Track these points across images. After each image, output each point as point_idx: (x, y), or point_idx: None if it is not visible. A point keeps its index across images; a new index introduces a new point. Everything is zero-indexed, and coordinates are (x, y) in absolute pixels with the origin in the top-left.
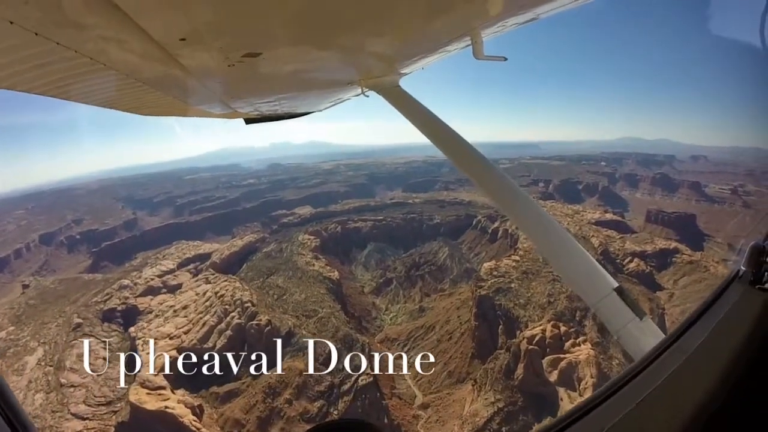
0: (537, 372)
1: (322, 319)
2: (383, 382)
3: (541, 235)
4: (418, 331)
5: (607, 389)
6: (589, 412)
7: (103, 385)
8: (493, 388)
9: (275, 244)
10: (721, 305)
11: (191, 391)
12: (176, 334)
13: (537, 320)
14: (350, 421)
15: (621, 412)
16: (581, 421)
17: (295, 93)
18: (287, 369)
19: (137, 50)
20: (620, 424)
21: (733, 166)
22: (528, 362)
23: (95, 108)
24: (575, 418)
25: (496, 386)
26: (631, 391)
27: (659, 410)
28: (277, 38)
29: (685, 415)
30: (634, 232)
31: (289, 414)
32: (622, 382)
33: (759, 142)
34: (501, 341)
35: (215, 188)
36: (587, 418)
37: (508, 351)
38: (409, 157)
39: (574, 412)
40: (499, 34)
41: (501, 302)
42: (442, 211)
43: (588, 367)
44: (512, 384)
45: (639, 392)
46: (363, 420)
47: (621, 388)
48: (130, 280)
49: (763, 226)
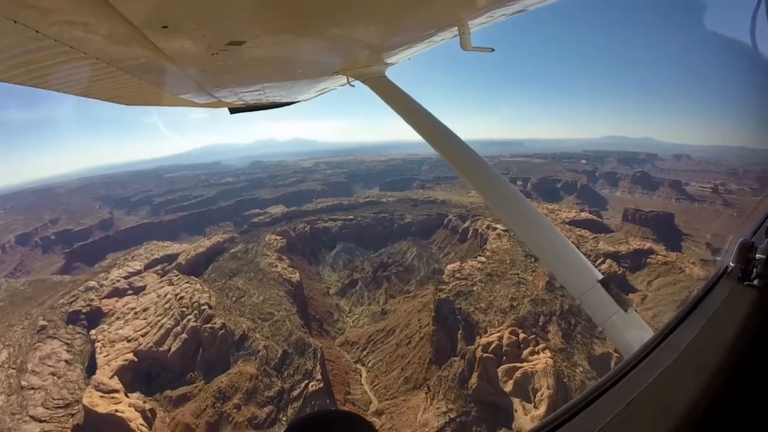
0: (491, 381)
1: (277, 323)
2: (337, 387)
3: (526, 226)
4: (379, 334)
5: (596, 388)
6: (578, 413)
7: (62, 388)
8: (446, 397)
9: (242, 244)
10: (711, 302)
11: (146, 394)
12: (134, 337)
13: (497, 325)
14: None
15: (612, 411)
16: (571, 422)
17: (280, 82)
18: (238, 373)
19: (118, 38)
20: (611, 424)
21: (715, 164)
22: (482, 371)
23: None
24: (564, 419)
25: (449, 395)
26: (622, 390)
27: (651, 409)
28: (261, 26)
29: (677, 413)
30: (611, 231)
31: (237, 419)
32: (613, 380)
33: (744, 141)
34: (460, 347)
35: (193, 186)
36: (577, 419)
37: (463, 358)
38: (389, 154)
39: (564, 413)
40: (486, 25)
41: (461, 306)
42: (414, 210)
43: (545, 378)
44: (466, 393)
45: (630, 391)
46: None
47: (611, 386)
48: (96, 282)
49: (750, 223)
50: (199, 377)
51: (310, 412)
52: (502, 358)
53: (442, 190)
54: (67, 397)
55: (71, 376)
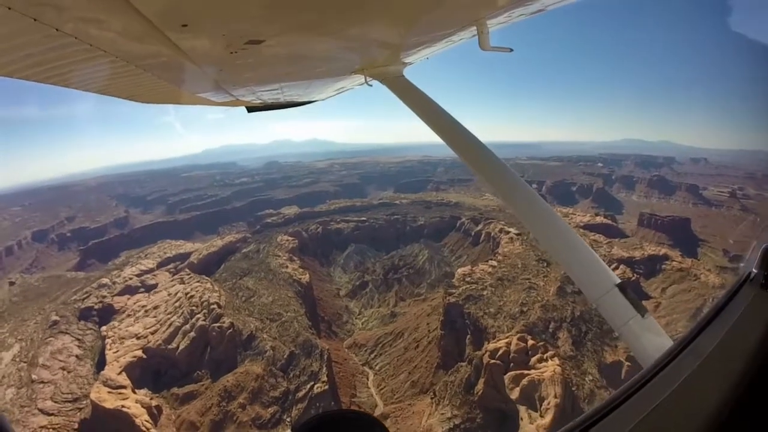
0: (498, 388)
1: (285, 323)
2: (344, 389)
3: (544, 228)
4: (387, 337)
5: (619, 395)
6: (603, 418)
7: (71, 383)
8: (451, 403)
9: (255, 244)
10: (733, 308)
11: (154, 391)
12: (143, 334)
13: (507, 330)
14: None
15: (635, 418)
16: (593, 429)
17: (297, 81)
18: (245, 373)
19: (138, 37)
20: (635, 431)
21: (733, 169)
22: (489, 377)
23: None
24: (587, 426)
25: (454, 401)
26: (645, 397)
27: (674, 416)
28: (280, 25)
29: (699, 421)
30: (626, 236)
31: (241, 419)
32: (636, 386)
33: (763, 144)
34: (468, 352)
35: (208, 186)
36: (599, 425)
37: (470, 364)
38: (405, 156)
39: (586, 420)
40: (505, 25)
41: (471, 310)
42: (427, 212)
43: (552, 386)
44: (472, 399)
45: (653, 398)
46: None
47: (635, 392)
48: (109, 279)
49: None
50: (206, 376)
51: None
52: (510, 365)
53: (456, 192)
54: (76, 391)
55: (81, 371)
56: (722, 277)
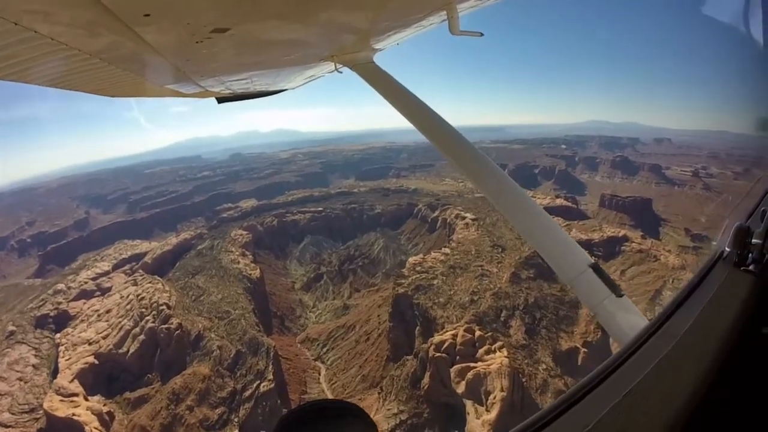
0: (444, 382)
1: (233, 321)
2: (294, 386)
3: (516, 211)
4: (339, 330)
5: (590, 381)
6: (572, 406)
7: (28, 393)
8: (398, 398)
9: (209, 240)
10: (707, 287)
11: (107, 397)
12: (95, 339)
13: (456, 321)
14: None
15: (608, 403)
16: (564, 416)
17: (266, 70)
18: (192, 374)
19: (99, 28)
20: (608, 417)
21: (697, 149)
22: (435, 371)
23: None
24: (557, 413)
25: (401, 396)
26: (618, 381)
27: (649, 398)
28: (245, 12)
29: (677, 402)
30: (586, 217)
31: (189, 421)
32: (608, 371)
33: (725, 125)
34: (418, 344)
35: (170, 182)
36: (570, 412)
37: (416, 357)
38: (369, 143)
39: (556, 407)
40: (474, 9)
41: (420, 301)
42: (385, 200)
43: (499, 379)
44: (418, 394)
45: (627, 382)
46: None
47: (606, 378)
48: (65, 284)
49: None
50: (156, 378)
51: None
52: (456, 358)
53: (417, 178)
54: (32, 401)
55: (37, 381)
56: (683, 258)
